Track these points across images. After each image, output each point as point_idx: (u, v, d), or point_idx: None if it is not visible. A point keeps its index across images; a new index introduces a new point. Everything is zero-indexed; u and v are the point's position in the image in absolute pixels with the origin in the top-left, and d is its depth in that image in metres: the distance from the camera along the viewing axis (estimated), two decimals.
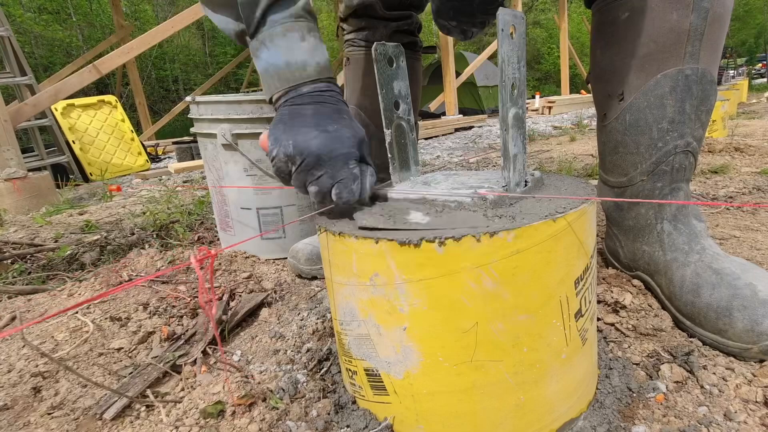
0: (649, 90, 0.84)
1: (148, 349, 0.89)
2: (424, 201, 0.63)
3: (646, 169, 0.88)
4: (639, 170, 0.89)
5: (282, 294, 1.12)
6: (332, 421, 0.66)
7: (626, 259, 0.98)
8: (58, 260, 1.48)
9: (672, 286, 0.84)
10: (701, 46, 0.79)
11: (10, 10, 9.52)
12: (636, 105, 0.86)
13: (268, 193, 1.34)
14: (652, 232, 0.90)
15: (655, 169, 0.87)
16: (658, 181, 0.88)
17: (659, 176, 0.88)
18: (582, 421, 0.63)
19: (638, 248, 0.93)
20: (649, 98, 0.84)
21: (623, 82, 0.87)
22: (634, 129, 0.87)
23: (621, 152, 0.91)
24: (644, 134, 0.86)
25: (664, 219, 0.89)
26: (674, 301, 0.84)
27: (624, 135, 0.89)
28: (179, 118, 9.02)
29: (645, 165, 0.88)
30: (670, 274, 0.85)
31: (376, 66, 0.68)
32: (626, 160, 0.91)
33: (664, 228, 0.88)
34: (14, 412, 0.74)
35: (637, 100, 0.85)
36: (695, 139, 0.85)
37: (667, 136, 0.85)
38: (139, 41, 3.46)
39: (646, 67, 0.83)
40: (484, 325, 0.53)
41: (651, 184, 0.89)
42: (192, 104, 1.33)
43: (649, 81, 0.83)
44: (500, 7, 0.55)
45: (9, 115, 2.75)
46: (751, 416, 0.61)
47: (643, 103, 0.85)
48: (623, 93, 0.87)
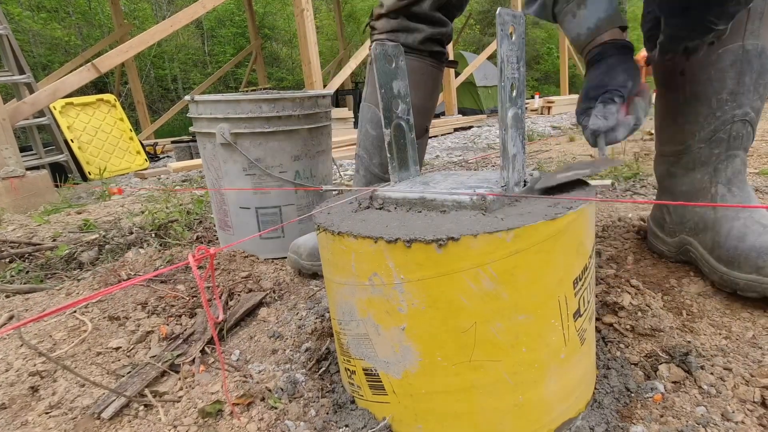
0: (711, 64, 0.90)
1: (147, 348, 0.89)
2: (423, 201, 0.63)
3: (704, 137, 0.95)
4: (697, 138, 0.96)
5: (281, 293, 1.12)
6: (331, 421, 0.66)
7: (672, 224, 1.05)
8: (56, 259, 1.47)
9: (718, 236, 0.91)
10: (761, 24, 0.87)
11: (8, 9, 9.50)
12: (697, 79, 0.93)
13: (266, 192, 1.34)
14: (706, 195, 0.97)
15: (712, 136, 0.94)
16: (715, 148, 0.94)
17: (716, 143, 0.94)
18: (580, 421, 0.63)
19: (688, 210, 1.00)
20: (711, 72, 0.91)
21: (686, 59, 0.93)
22: (694, 100, 0.94)
23: (680, 122, 0.99)
24: (704, 104, 0.93)
25: (719, 182, 0.95)
26: (716, 250, 0.90)
27: (684, 106, 0.97)
28: (178, 117, 9.00)
29: (703, 133, 0.95)
30: (717, 227, 0.92)
31: (376, 65, 0.68)
32: (684, 130, 0.98)
33: (719, 191, 0.95)
34: (12, 411, 0.73)
35: (698, 74, 0.92)
36: (753, 109, 0.91)
37: (726, 106, 0.91)
38: (138, 40, 3.45)
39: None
40: (482, 325, 0.53)
41: (708, 150, 0.95)
42: (191, 103, 1.33)
43: (711, 56, 0.90)
44: (500, 8, 0.55)
45: (7, 114, 2.74)
46: (748, 416, 0.61)
47: (704, 77, 0.92)
48: (684, 68, 0.94)
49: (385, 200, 0.67)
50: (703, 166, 0.97)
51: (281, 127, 1.30)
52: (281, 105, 1.29)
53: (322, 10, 15.95)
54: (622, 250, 1.17)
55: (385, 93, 0.70)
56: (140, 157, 4.37)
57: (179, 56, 13.51)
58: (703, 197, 0.97)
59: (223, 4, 6.62)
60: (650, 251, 1.16)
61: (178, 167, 3.76)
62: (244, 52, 9.18)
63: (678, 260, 1.05)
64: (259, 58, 8.58)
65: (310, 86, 4.20)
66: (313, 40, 4.14)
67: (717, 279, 0.89)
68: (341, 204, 0.72)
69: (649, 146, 2.99)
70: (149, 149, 5.12)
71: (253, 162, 1.29)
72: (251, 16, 8.56)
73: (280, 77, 14.59)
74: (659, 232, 1.09)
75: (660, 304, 0.87)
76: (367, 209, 0.67)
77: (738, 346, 0.76)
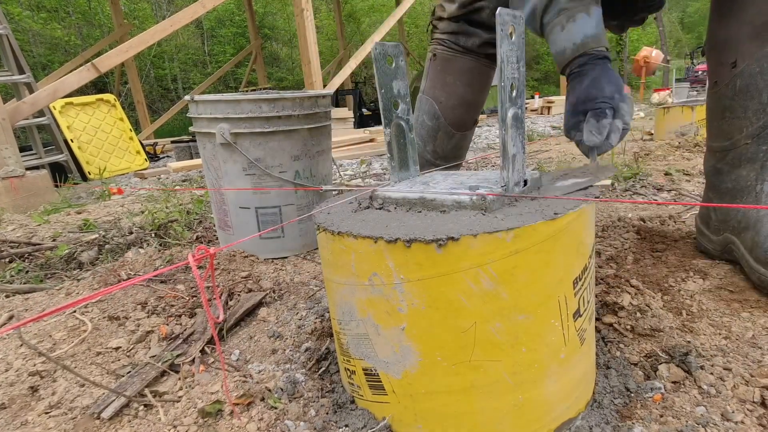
0: (763, 57, 0.89)
1: (147, 348, 0.89)
2: (423, 201, 0.63)
3: (752, 133, 0.94)
4: (744, 134, 0.95)
5: (281, 293, 1.12)
6: (331, 421, 0.66)
7: (717, 222, 1.05)
8: (56, 259, 1.47)
9: (758, 236, 0.90)
10: None
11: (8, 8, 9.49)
12: (748, 71, 0.91)
13: (266, 192, 1.34)
14: (751, 192, 0.96)
15: (761, 132, 0.92)
16: (763, 144, 0.93)
17: (764, 139, 0.93)
18: (580, 420, 0.63)
19: (732, 209, 0.99)
20: (762, 64, 0.89)
21: (737, 50, 0.92)
22: (744, 94, 0.93)
23: (728, 117, 0.97)
24: (753, 99, 0.92)
25: (765, 180, 0.94)
26: (755, 250, 0.90)
27: (732, 100, 0.95)
28: (178, 117, 9.00)
29: (751, 128, 0.94)
30: (758, 227, 0.92)
31: (376, 65, 0.68)
32: (732, 125, 0.97)
33: (764, 188, 0.94)
34: (12, 411, 0.73)
35: (749, 67, 0.91)
36: None
37: None
38: (138, 40, 3.45)
39: (761, 35, 0.88)
40: (482, 325, 0.53)
41: (755, 147, 0.94)
42: (191, 103, 1.33)
43: (765, 48, 0.88)
44: (499, 8, 0.55)
45: (7, 114, 2.74)
46: (748, 416, 0.61)
47: (755, 69, 0.90)
48: (736, 60, 0.93)
49: (384, 200, 0.67)
50: (750, 163, 0.96)
51: (281, 127, 1.30)
52: (281, 105, 1.29)
53: (322, 10, 15.94)
54: (622, 250, 1.17)
55: (385, 93, 0.70)
56: (140, 157, 4.37)
57: (179, 56, 13.51)
58: (748, 195, 0.96)
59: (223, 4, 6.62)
60: (651, 251, 1.16)
61: (178, 167, 3.76)
62: (244, 52, 9.18)
63: (723, 259, 1.05)
64: (259, 58, 8.58)
65: (310, 86, 4.20)
66: (313, 40, 4.14)
67: (756, 279, 0.89)
68: (341, 204, 0.72)
69: (649, 146, 2.99)
70: (149, 149, 5.12)
71: (253, 162, 1.29)
72: (251, 16, 8.56)
73: (280, 77, 14.59)
74: (705, 230, 1.09)
75: (660, 304, 0.87)
76: (367, 209, 0.67)
77: (738, 346, 0.76)
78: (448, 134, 1.39)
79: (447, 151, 1.43)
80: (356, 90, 7.86)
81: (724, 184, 1.03)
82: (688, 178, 2.05)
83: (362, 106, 7.43)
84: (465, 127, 1.41)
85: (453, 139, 1.39)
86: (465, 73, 1.34)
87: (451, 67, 1.35)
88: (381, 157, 3.84)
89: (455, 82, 1.34)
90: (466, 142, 1.48)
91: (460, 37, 1.31)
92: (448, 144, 1.41)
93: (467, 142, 1.49)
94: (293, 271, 1.29)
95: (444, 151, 1.42)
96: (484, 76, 1.37)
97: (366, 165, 3.43)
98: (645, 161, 2.48)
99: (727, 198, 1.02)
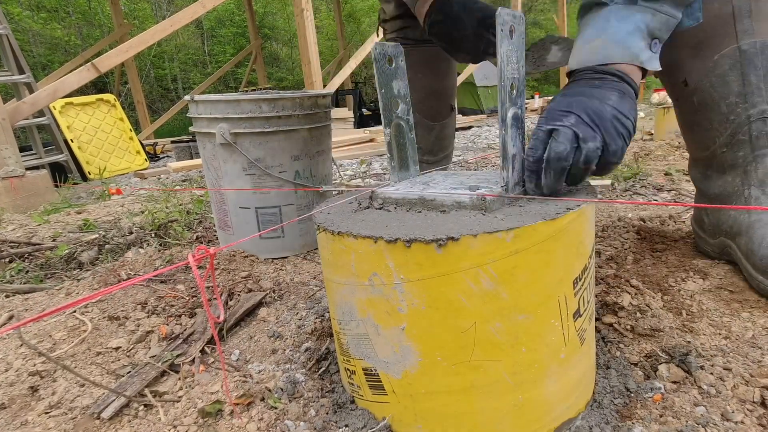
0: (709, 71, 0.91)
1: (147, 348, 0.89)
2: (423, 201, 0.63)
3: (724, 142, 0.94)
4: (718, 143, 0.96)
5: (280, 293, 1.12)
6: (331, 421, 0.66)
7: (710, 226, 1.04)
8: (56, 259, 1.47)
9: (751, 243, 0.89)
10: (752, 21, 0.86)
11: (8, 8, 9.49)
12: (700, 87, 0.93)
13: (266, 192, 1.34)
14: (739, 198, 0.95)
15: (732, 140, 0.93)
16: (739, 151, 0.93)
17: (738, 146, 0.93)
18: (580, 420, 0.63)
19: (723, 213, 0.99)
20: (711, 79, 0.91)
21: (684, 71, 0.95)
22: (704, 108, 0.94)
23: (697, 130, 0.99)
24: (714, 111, 0.93)
25: (752, 185, 0.93)
26: (751, 257, 0.88)
27: (695, 115, 0.97)
28: (178, 116, 9.00)
29: (722, 138, 0.94)
30: (751, 233, 0.91)
31: (375, 65, 0.68)
32: (704, 136, 0.98)
33: (752, 193, 0.93)
34: (11, 411, 0.73)
35: (700, 83, 0.93)
36: None
37: (738, 108, 0.90)
38: (138, 40, 3.45)
39: (701, 53, 0.91)
40: (482, 325, 0.53)
41: (732, 154, 0.94)
42: (191, 103, 1.33)
43: (708, 64, 0.91)
44: (500, 8, 0.55)
45: (7, 114, 2.74)
46: (748, 416, 0.61)
47: (706, 84, 0.92)
48: (686, 80, 0.95)
49: (384, 200, 0.67)
50: (733, 169, 0.96)
51: (281, 127, 1.30)
52: (281, 105, 1.29)
53: (322, 10, 15.94)
54: (622, 250, 1.17)
55: (385, 93, 0.70)
56: (140, 157, 4.37)
57: (179, 56, 13.51)
58: (737, 200, 0.95)
59: (223, 4, 6.62)
60: (651, 251, 1.16)
61: (178, 167, 3.76)
62: (244, 52, 9.18)
63: (723, 260, 1.05)
64: (259, 58, 8.58)
65: (310, 86, 4.20)
66: (313, 40, 4.14)
67: (755, 286, 0.88)
68: (341, 204, 0.72)
69: (649, 146, 2.99)
70: (149, 149, 5.12)
71: (253, 162, 1.29)
72: (251, 16, 8.56)
73: (280, 77, 14.59)
74: (701, 233, 1.09)
75: (660, 304, 0.87)
76: (367, 209, 0.67)
77: (738, 346, 0.76)
78: (427, 127, 1.39)
79: (430, 144, 1.43)
80: (356, 90, 7.86)
81: (712, 190, 1.03)
82: (688, 178, 2.05)
83: (362, 106, 7.43)
84: (441, 116, 1.42)
85: (433, 131, 1.40)
86: (423, 64, 1.34)
87: (409, 62, 1.34)
88: (381, 157, 3.84)
89: (416, 74, 1.32)
90: (447, 132, 1.48)
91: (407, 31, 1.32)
92: (430, 137, 1.41)
93: (449, 131, 1.49)
94: (293, 271, 1.29)
95: (427, 145, 1.42)
96: (443, 61, 1.37)
97: (366, 165, 3.43)
98: (645, 161, 2.48)
99: (716, 203, 1.02)
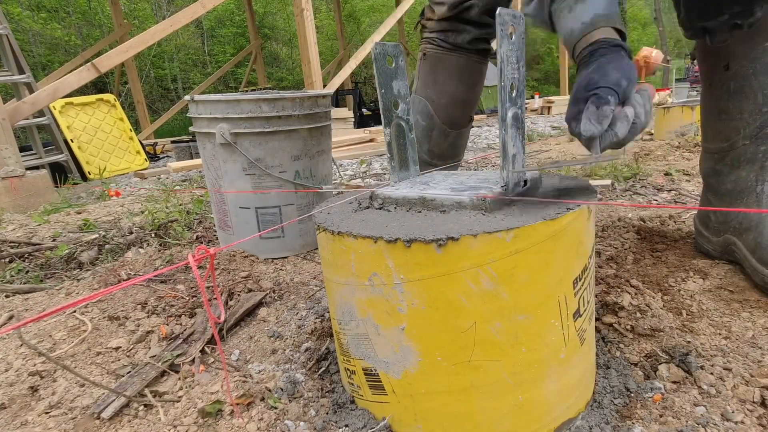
0: (756, 58, 0.89)
1: (147, 348, 0.89)
2: (423, 201, 0.63)
3: (750, 134, 0.93)
4: (741, 135, 0.95)
5: (280, 293, 1.12)
6: (331, 421, 0.66)
7: (717, 223, 1.04)
8: (56, 259, 1.47)
9: (760, 237, 0.90)
10: None
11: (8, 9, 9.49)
12: (741, 73, 0.91)
13: (266, 192, 1.34)
14: (752, 193, 0.95)
15: (758, 132, 0.92)
16: (761, 145, 0.93)
17: (762, 140, 0.92)
18: (580, 420, 0.63)
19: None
20: (756, 66, 0.89)
21: (728, 53, 0.92)
22: (739, 95, 0.93)
23: (724, 119, 0.97)
24: (749, 100, 0.92)
25: (765, 181, 0.94)
26: (758, 251, 0.89)
27: (727, 102, 0.95)
28: (178, 116, 9.01)
29: (748, 129, 0.93)
30: (761, 228, 0.91)
31: (376, 65, 0.68)
32: (729, 126, 0.96)
33: (765, 189, 0.93)
34: (12, 411, 0.73)
35: (743, 68, 0.91)
36: None
37: None
38: (138, 40, 3.45)
39: (752, 39, 0.89)
40: (482, 325, 0.53)
41: (754, 147, 0.94)
42: (191, 103, 1.33)
43: (756, 50, 0.88)
44: (500, 8, 0.55)
45: (7, 114, 2.74)
46: (748, 416, 0.61)
47: (749, 71, 0.90)
48: (729, 63, 0.93)
49: (384, 200, 0.67)
50: (749, 164, 0.95)
51: (281, 127, 1.30)
52: (281, 105, 1.29)
53: (322, 10, 15.94)
54: (622, 250, 1.17)
55: (385, 93, 0.70)
56: (140, 156, 4.37)
57: (179, 56, 13.51)
58: (749, 196, 0.95)
59: (223, 4, 6.62)
60: (651, 251, 1.16)
61: (178, 167, 3.76)
62: (244, 52, 9.17)
63: (724, 259, 1.05)
64: (259, 58, 8.58)
65: (310, 86, 4.20)
66: (313, 40, 4.14)
67: (759, 281, 0.88)
68: (341, 204, 0.72)
69: (650, 146, 2.99)
70: (149, 149, 5.12)
71: (253, 162, 1.29)
72: (251, 16, 8.56)
73: (280, 77, 14.59)
74: (704, 231, 1.08)
75: (660, 304, 0.87)
76: (367, 209, 0.67)
77: (738, 346, 0.76)
78: (443, 133, 1.38)
79: (443, 150, 1.43)
80: (356, 90, 7.86)
81: (723, 186, 1.01)
82: (688, 178, 2.05)
83: (362, 106, 7.43)
84: (460, 125, 1.41)
85: (449, 137, 1.39)
86: (456, 71, 1.33)
87: (442, 66, 1.34)
88: (381, 157, 3.84)
89: (447, 80, 1.33)
90: (462, 141, 1.48)
91: (449, 35, 1.30)
92: (444, 143, 1.41)
93: (464, 140, 1.49)
94: (293, 271, 1.29)
95: (440, 150, 1.42)
96: (475, 72, 1.36)
97: (366, 165, 3.43)
98: (645, 161, 2.48)
99: (726, 199, 1.01)
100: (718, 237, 1.04)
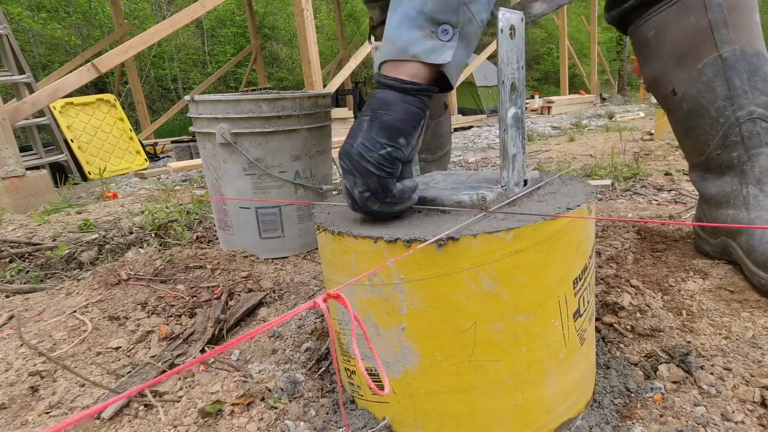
0: (695, 80, 0.97)
1: (147, 348, 0.89)
2: (423, 201, 0.63)
3: (718, 144, 0.98)
4: (712, 146, 1.00)
5: (281, 293, 1.12)
6: (331, 421, 0.66)
7: (710, 227, 1.06)
8: (56, 259, 1.47)
9: (752, 240, 0.91)
10: (729, 31, 0.92)
11: (8, 9, 9.49)
12: (688, 95, 0.98)
13: (266, 192, 1.33)
14: (738, 197, 0.98)
15: (725, 141, 0.97)
16: (733, 151, 0.97)
17: (732, 147, 0.97)
18: (580, 420, 0.63)
19: (722, 213, 1.02)
20: (698, 86, 0.97)
21: (671, 82, 1.01)
22: (694, 114, 0.99)
23: (691, 135, 1.04)
24: (704, 116, 0.98)
25: (749, 183, 0.96)
26: (751, 254, 0.90)
27: (687, 121, 1.02)
28: (178, 116, 9.00)
29: (715, 141, 0.98)
30: (751, 230, 0.93)
31: (376, 65, 0.68)
32: (698, 141, 1.02)
33: (750, 192, 0.96)
34: (12, 411, 0.73)
35: (688, 91, 0.98)
36: (759, 105, 0.94)
37: (726, 111, 0.95)
38: (138, 40, 3.45)
39: (686, 64, 0.97)
40: (482, 325, 0.53)
41: (727, 155, 0.98)
42: (191, 103, 1.33)
43: (693, 73, 0.97)
44: (500, 8, 0.55)
45: (7, 114, 2.74)
46: (748, 416, 0.61)
47: (693, 92, 0.97)
48: (674, 89, 1.01)
49: None
50: (730, 170, 0.99)
51: (281, 127, 1.30)
52: (281, 105, 1.29)
53: (322, 10, 15.94)
54: (622, 250, 1.17)
55: None
56: (140, 156, 4.37)
57: (179, 56, 13.51)
58: (736, 199, 0.98)
59: (223, 4, 6.62)
60: (651, 251, 1.16)
61: (178, 167, 3.76)
62: (244, 52, 9.17)
63: (723, 260, 1.06)
64: (259, 58, 8.57)
65: (310, 86, 4.20)
66: (313, 40, 4.14)
67: (756, 283, 0.89)
68: (341, 204, 0.72)
69: (650, 146, 2.99)
70: (149, 149, 5.12)
71: (253, 162, 1.29)
72: (251, 16, 8.56)
73: (280, 77, 14.59)
74: (702, 233, 1.10)
75: (660, 304, 0.87)
76: None
77: (738, 346, 0.76)
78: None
79: (427, 142, 1.44)
80: (356, 90, 7.86)
81: (708, 191, 1.06)
82: (688, 178, 2.05)
83: (362, 106, 7.42)
84: (436, 114, 1.44)
85: (428, 129, 1.41)
86: None
87: None
88: None
89: None
90: (443, 129, 1.49)
91: None
92: (426, 135, 1.43)
93: (445, 129, 1.50)
94: (293, 271, 1.29)
95: (425, 144, 1.44)
96: None
97: None
98: (645, 161, 2.48)
99: (713, 203, 1.04)
100: (715, 239, 1.06)
